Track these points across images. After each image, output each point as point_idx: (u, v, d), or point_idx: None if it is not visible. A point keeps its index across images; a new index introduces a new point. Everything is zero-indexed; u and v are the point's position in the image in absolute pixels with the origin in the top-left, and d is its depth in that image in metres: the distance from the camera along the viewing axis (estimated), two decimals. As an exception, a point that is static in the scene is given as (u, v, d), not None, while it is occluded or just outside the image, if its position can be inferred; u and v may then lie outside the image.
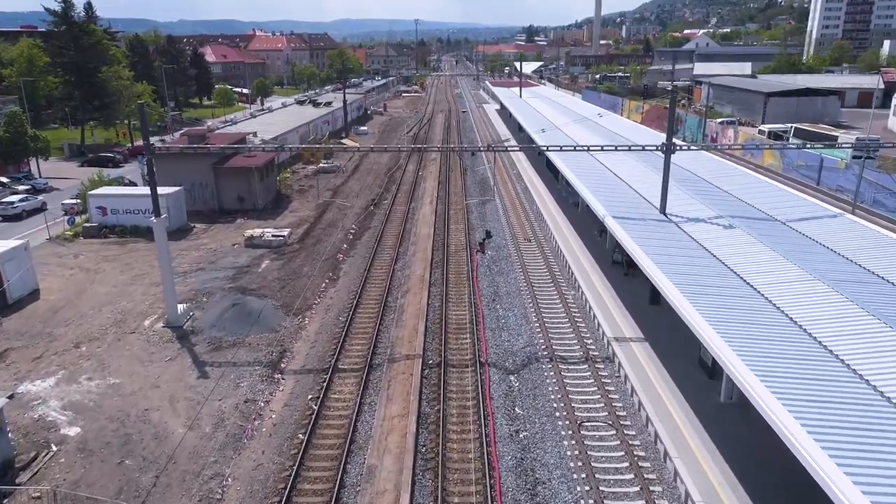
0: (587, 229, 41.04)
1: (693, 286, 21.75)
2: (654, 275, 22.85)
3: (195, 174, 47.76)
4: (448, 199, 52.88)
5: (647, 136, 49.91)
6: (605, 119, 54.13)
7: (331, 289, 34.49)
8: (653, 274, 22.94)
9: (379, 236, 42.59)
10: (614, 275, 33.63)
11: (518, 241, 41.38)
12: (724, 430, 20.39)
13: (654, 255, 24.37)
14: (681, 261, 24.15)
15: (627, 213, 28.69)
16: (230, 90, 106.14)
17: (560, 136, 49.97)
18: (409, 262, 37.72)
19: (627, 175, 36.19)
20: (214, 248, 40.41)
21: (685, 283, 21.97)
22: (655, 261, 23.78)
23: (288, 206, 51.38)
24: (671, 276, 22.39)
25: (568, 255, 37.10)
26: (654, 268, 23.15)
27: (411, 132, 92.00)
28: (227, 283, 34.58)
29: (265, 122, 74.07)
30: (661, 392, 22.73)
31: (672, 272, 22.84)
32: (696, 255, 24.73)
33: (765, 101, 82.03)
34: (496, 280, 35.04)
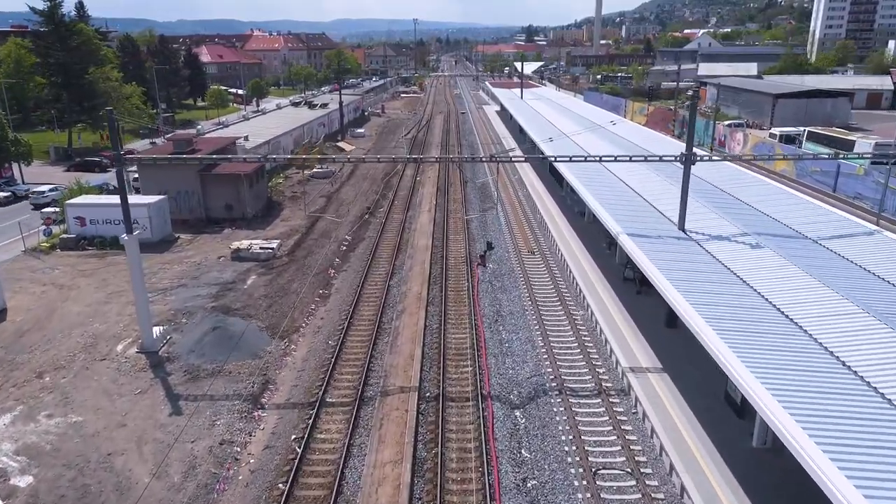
0: (595, 240, 38.68)
1: (718, 314, 19.41)
2: (676, 302, 20.49)
3: (181, 181, 45.35)
4: (447, 206, 50.49)
5: (661, 143, 47.38)
6: (615, 125, 51.92)
7: (321, 307, 32.08)
8: (675, 301, 20.58)
9: (374, 248, 40.19)
10: (626, 292, 31.26)
11: (521, 253, 39.00)
12: (758, 481, 18.03)
13: (675, 278, 22.00)
14: (704, 285, 21.78)
15: (643, 229, 26.31)
16: (224, 91, 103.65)
17: (568, 143, 47.70)
18: (406, 278, 35.32)
19: (641, 186, 33.80)
20: (199, 262, 37.99)
21: (709, 310, 19.63)
22: (676, 284, 21.42)
23: (279, 214, 48.96)
24: (694, 303, 20.05)
25: (575, 270, 34.73)
26: (675, 293, 20.80)
27: (409, 134, 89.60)
28: (209, 301, 32.17)
29: (258, 125, 71.67)
30: (684, 433, 20.35)
31: (695, 298, 20.50)
32: (721, 279, 22.34)
33: (773, 102, 79.70)
34: (498, 297, 32.65)
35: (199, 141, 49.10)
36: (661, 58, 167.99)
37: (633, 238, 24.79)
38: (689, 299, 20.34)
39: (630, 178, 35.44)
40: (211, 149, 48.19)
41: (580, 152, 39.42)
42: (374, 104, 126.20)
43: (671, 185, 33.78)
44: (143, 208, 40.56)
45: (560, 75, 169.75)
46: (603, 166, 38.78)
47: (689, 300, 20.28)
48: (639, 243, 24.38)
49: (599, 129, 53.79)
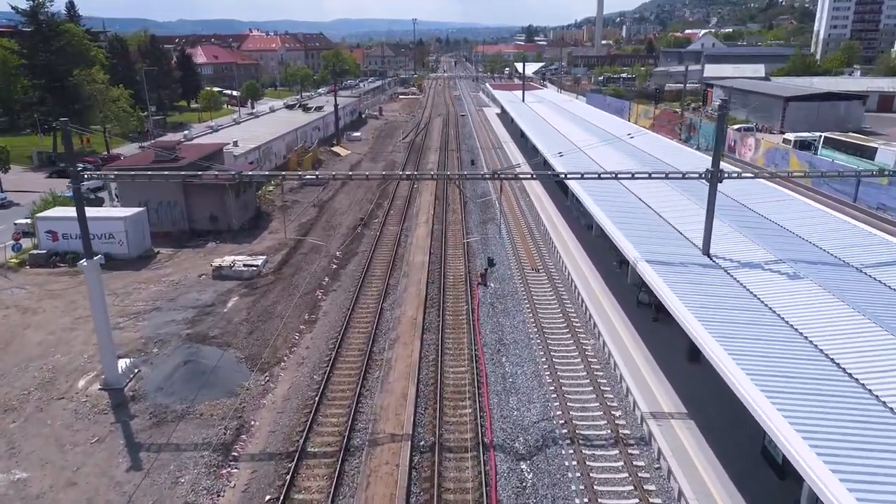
0: (604, 257, 35.94)
1: (751, 355, 16.83)
2: (703, 342, 17.76)
3: (163, 191, 42.63)
4: (445, 216, 47.76)
5: (678, 155, 44.38)
6: (633, 137, 49.24)
7: (307, 334, 29.33)
8: (702, 341, 17.86)
9: (367, 264, 37.45)
10: (641, 319, 28.53)
11: (524, 270, 36.27)
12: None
13: (701, 314, 19.29)
14: (733, 321, 19.07)
15: (662, 254, 23.57)
16: (216, 93, 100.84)
17: (578, 154, 45.09)
18: (400, 299, 32.56)
19: (658, 202, 31.00)
20: (178, 281, 35.24)
21: (741, 351, 17.02)
22: (703, 321, 18.72)
23: (268, 225, 46.20)
24: (724, 342, 17.38)
25: (583, 291, 32.00)
26: (702, 332, 18.10)
27: (407, 138, 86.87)
28: (185, 327, 29.43)
29: (248, 130, 68.93)
30: (717, 496, 17.62)
31: (723, 336, 17.83)
32: (753, 314, 19.61)
33: (784, 105, 76.96)
34: (501, 323, 29.91)
35: (182, 148, 46.39)
36: (665, 59, 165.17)
37: (654, 265, 22.03)
38: (718, 338, 17.66)
39: (645, 192, 32.67)
40: (195, 156, 45.47)
41: (591, 165, 36.80)
42: (372, 106, 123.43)
43: (691, 202, 31.01)
44: (118, 222, 37.90)
45: (562, 76, 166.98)
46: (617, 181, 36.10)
47: (717, 339, 17.60)
48: (660, 272, 21.64)
49: (599, 132, 51.17)
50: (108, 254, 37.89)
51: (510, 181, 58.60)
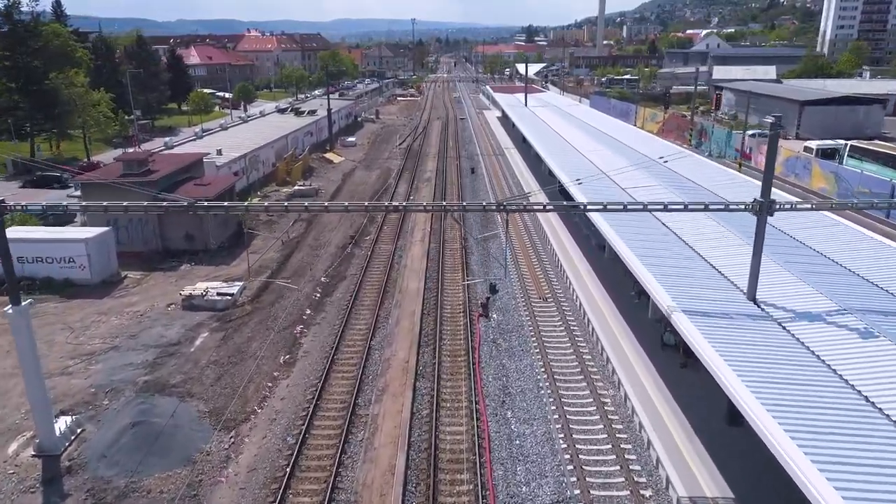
0: (619, 285, 32.17)
1: (816, 434, 13.06)
2: (759, 423, 14.03)
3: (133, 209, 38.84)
4: (443, 232, 44.02)
5: (712, 175, 40.21)
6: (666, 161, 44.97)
7: (283, 381, 25.57)
8: (756, 419, 14.13)
9: (355, 292, 33.67)
10: (666, 365, 24.79)
11: (530, 298, 32.52)
12: None
13: (752, 379, 15.57)
14: (790, 389, 15.35)
15: (700, 300, 19.84)
16: (206, 95, 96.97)
17: (588, 166, 41.43)
18: (391, 336, 28.79)
19: (689, 231, 27.10)
20: (143, 312, 31.49)
21: (803, 430, 13.27)
22: (759, 396, 14.99)
23: (250, 244, 42.43)
24: (780, 417, 13.69)
25: (598, 327, 28.25)
26: (759, 409, 14.37)
27: (404, 143, 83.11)
28: (143, 372, 25.68)
29: (235, 136, 65.13)
30: None
31: (776, 406, 14.12)
32: (818, 384, 15.87)
33: (800, 109, 73.22)
34: (506, 366, 26.16)
35: (156, 159, 42.62)
36: (670, 60, 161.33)
37: (693, 317, 18.25)
38: (771, 409, 13.96)
39: (672, 218, 28.82)
40: (171, 168, 41.81)
41: (612, 189, 32.94)
42: (369, 109, 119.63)
43: (727, 230, 27.07)
44: (79, 244, 34.15)
45: (564, 77, 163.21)
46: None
47: (771, 411, 13.91)
48: (701, 326, 17.86)
49: (627, 151, 47.34)
50: (67, 279, 34.33)
51: (511, 189, 54.84)
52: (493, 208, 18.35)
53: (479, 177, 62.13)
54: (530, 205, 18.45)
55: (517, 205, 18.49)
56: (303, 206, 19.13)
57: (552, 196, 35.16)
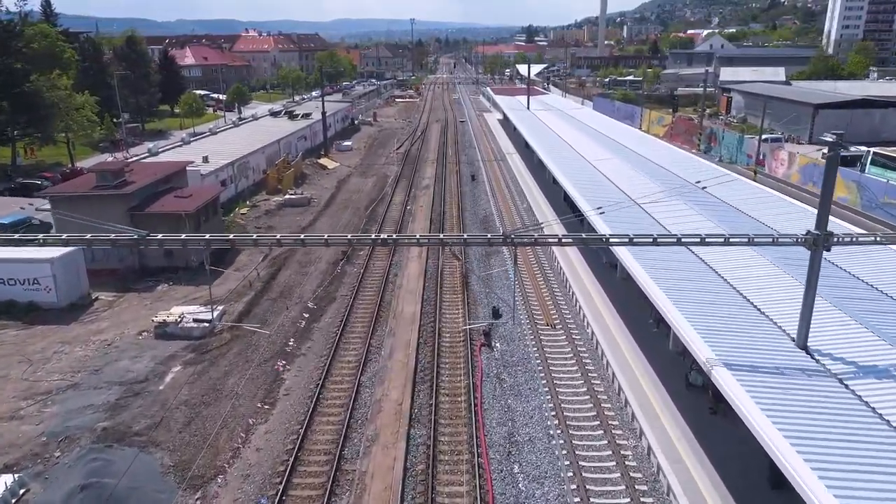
0: (633, 308, 29.27)
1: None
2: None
3: (108, 223, 36.01)
4: (441, 247, 41.18)
5: (746, 194, 37.45)
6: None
7: (260, 426, 22.71)
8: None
9: (345, 316, 30.82)
10: (693, 409, 21.93)
11: (538, 326, 29.68)
12: None
13: (805, 445, 12.74)
14: (856, 462, 12.52)
15: (743, 349, 16.97)
16: (197, 97, 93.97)
17: (605, 184, 38.56)
18: (383, 372, 25.93)
19: (723, 263, 24.05)
20: (111, 340, 28.63)
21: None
22: (804, 454, 12.17)
23: (234, 259, 39.63)
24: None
25: (613, 361, 25.39)
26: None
27: (402, 148, 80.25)
28: (104, 416, 22.83)
29: (225, 141, 62.28)
30: None
31: (841, 483, 11.31)
32: (888, 452, 13.04)
33: (813, 113, 70.37)
34: (511, 407, 23.33)
35: (134, 169, 39.73)
36: (674, 60, 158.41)
37: (735, 372, 15.39)
38: (825, 478, 11.17)
39: (709, 251, 25.88)
40: (149, 178, 38.96)
41: (638, 215, 29.92)
42: (366, 111, 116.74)
43: (765, 259, 24.01)
44: (44, 265, 31.26)
45: (565, 78, 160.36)
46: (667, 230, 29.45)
47: (824, 480, 11.12)
48: (745, 382, 15.02)
49: (642, 161, 44.41)
50: (31, 303, 31.50)
51: (516, 201, 52.02)
52: (500, 241, 15.54)
53: (479, 184, 59.31)
54: (543, 237, 15.63)
55: (527, 237, 15.66)
56: (274, 239, 16.29)
57: (566, 221, 32.19)
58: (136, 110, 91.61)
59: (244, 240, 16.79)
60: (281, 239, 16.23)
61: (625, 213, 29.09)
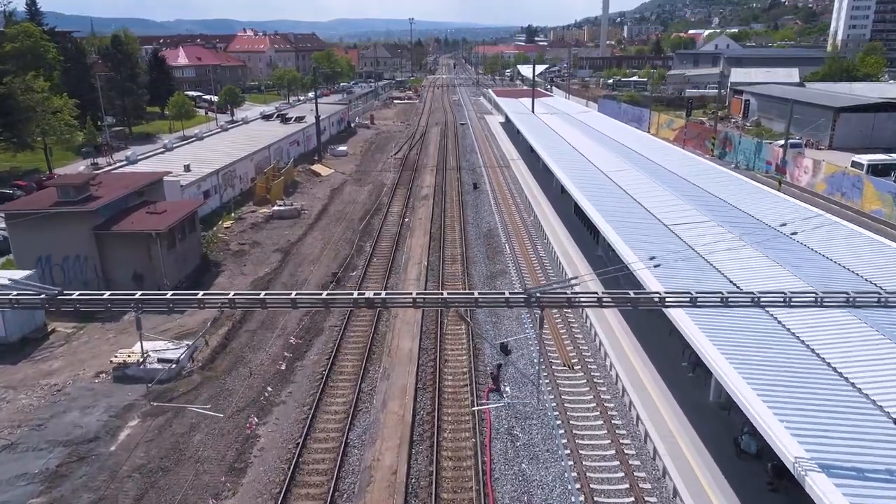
0: (663, 348, 25.57)
1: None
2: None
3: (68, 243, 32.39)
4: (442, 267, 37.47)
5: (774, 205, 34.08)
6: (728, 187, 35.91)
7: (226, 501, 18.93)
8: None
9: (332, 354, 27.05)
10: (746, 483, 18.20)
11: (553, 366, 25.94)
12: None
13: None
14: None
15: (840, 442, 13.18)
16: (186, 99, 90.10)
17: (631, 206, 34.76)
18: (375, 428, 22.16)
19: (791, 317, 20.24)
20: (62, 385, 24.85)
21: None
22: None
23: (214, 280, 35.90)
24: None
25: (645, 416, 21.65)
26: None
27: (399, 153, 76.47)
28: (39, 489, 19.06)
29: (210, 147, 58.47)
30: None
31: None
32: None
33: (834, 117, 66.66)
34: (526, 475, 19.58)
35: (103, 182, 35.91)
36: (679, 61, 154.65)
37: (835, 477, 11.64)
38: None
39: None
40: (119, 192, 35.16)
41: (677, 245, 26.07)
42: (363, 113, 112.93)
43: (845, 313, 20.11)
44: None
45: (569, 80, 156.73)
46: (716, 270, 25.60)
47: None
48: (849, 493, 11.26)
49: (677, 182, 40.43)
50: (-29, 335, 27.70)
51: (521, 211, 48.26)
52: (522, 301, 11.84)
53: (482, 193, 55.57)
54: (577, 296, 11.91)
55: (556, 296, 11.96)
56: (226, 298, 12.48)
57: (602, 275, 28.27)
58: (123, 113, 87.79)
59: (187, 300, 13.00)
60: (234, 299, 12.45)
61: (658, 239, 25.31)
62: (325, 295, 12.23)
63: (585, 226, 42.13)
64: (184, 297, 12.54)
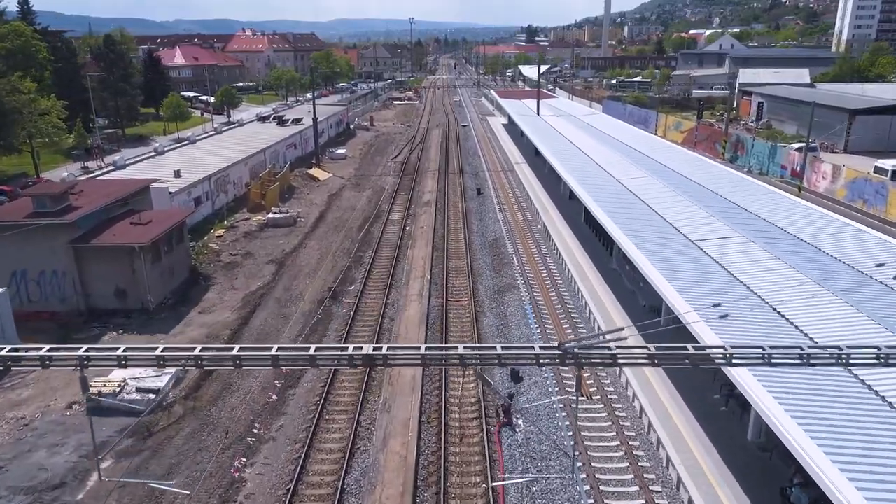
0: (691, 376, 23.28)
1: None
2: None
3: (44, 257, 30.12)
4: (446, 280, 35.23)
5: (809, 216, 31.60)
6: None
7: (206, 562, 16.70)
8: None
9: (328, 382, 24.78)
10: (800, 545, 15.93)
11: (568, 394, 23.67)
12: None
13: None
14: None
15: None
16: (181, 100, 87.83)
17: (662, 226, 32.36)
18: (375, 471, 19.88)
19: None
20: (30, 419, 22.59)
21: None
22: None
23: (203, 296, 33.61)
24: None
25: (676, 458, 19.36)
26: None
27: (400, 156, 74.23)
28: (-8, 547, 16.81)
29: (203, 151, 56.19)
30: None
31: None
32: None
33: (850, 119, 64.43)
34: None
35: (84, 190, 33.59)
36: (684, 61, 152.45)
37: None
38: None
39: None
40: (101, 201, 32.87)
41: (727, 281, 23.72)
42: (362, 115, 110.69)
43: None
44: (-46, 316, 25.23)
45: (572, 80, 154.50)
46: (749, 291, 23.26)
47: None
48: None
49: (711, 198, 37.96)
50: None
51: (528, 220, 45.99)
52: (554, 358, 9.63)
53: (486, 199, 53.32)
54: (626, 351, 9.69)
55: (599, 354, 9.75)
56: (191, 355, 10.24)
57: (644, 330, 25.88)
58: (116, 114, 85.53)
59: (142, 357, 10.76)
60: (201, 357, 10.21)
61: (713, 280, 22.92)
62: (314, 350, 9.98)
63: (597, 235, 39.90)
64: (139, 352, 10.31)
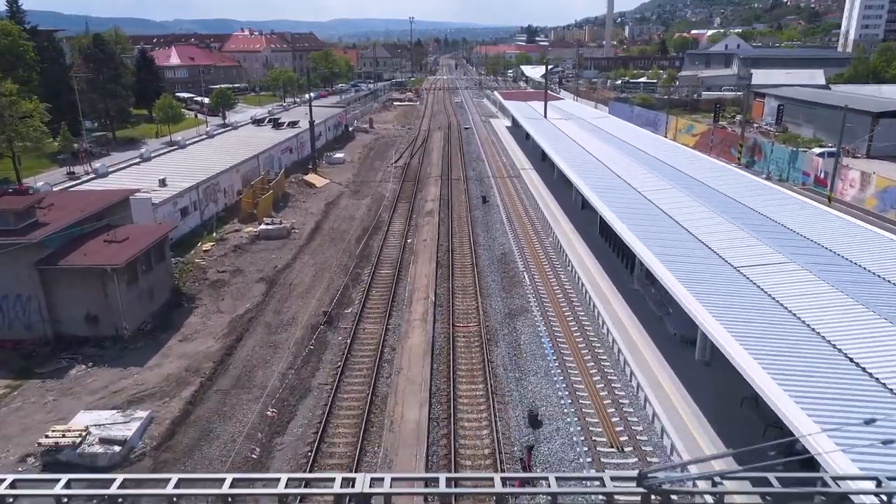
0: (735, 419, 20.30)
1: None
2: None
3: (7, 280, 27.18)
4: (453, 300, 32.23)
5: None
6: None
7: None
8: None
9: (321, 427, 21.78)
10: None
11: (597, 446, 20.68)
12: None
13: None
14: None
15: None
16: (173, 101, 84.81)
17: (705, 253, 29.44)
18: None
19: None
20: (-24, 474, 19.50)
21: None
22: None
23: (184, 322, 30.57)
24: None
25: None
26: None
27: (400, 161, 71.20)
28: None
29: (192, 156, 53.16)
30: None
31: None
32: None
33: (873, 122, 61.43)
34: None
35: (52, 204, 30.53)
36: (690, 61, 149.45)
37: None
38: None
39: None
40: (72, 216, 29.84)
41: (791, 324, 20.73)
42: (361, 116, 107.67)
43: None
44: None
45: (576, 81, 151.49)
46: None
47: None
48: None
49: (756, 220, 34.67)
50: None
51: (537, 230, 42.97)
52: (632, 490, 6.71)
53: (492, 208, 50.32)
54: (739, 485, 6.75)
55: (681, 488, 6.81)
56: (164, 481, 7.25)
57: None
58: (106, 116, 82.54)
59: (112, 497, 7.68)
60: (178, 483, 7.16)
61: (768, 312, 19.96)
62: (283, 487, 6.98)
63: (614, 250, 36.93)
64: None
